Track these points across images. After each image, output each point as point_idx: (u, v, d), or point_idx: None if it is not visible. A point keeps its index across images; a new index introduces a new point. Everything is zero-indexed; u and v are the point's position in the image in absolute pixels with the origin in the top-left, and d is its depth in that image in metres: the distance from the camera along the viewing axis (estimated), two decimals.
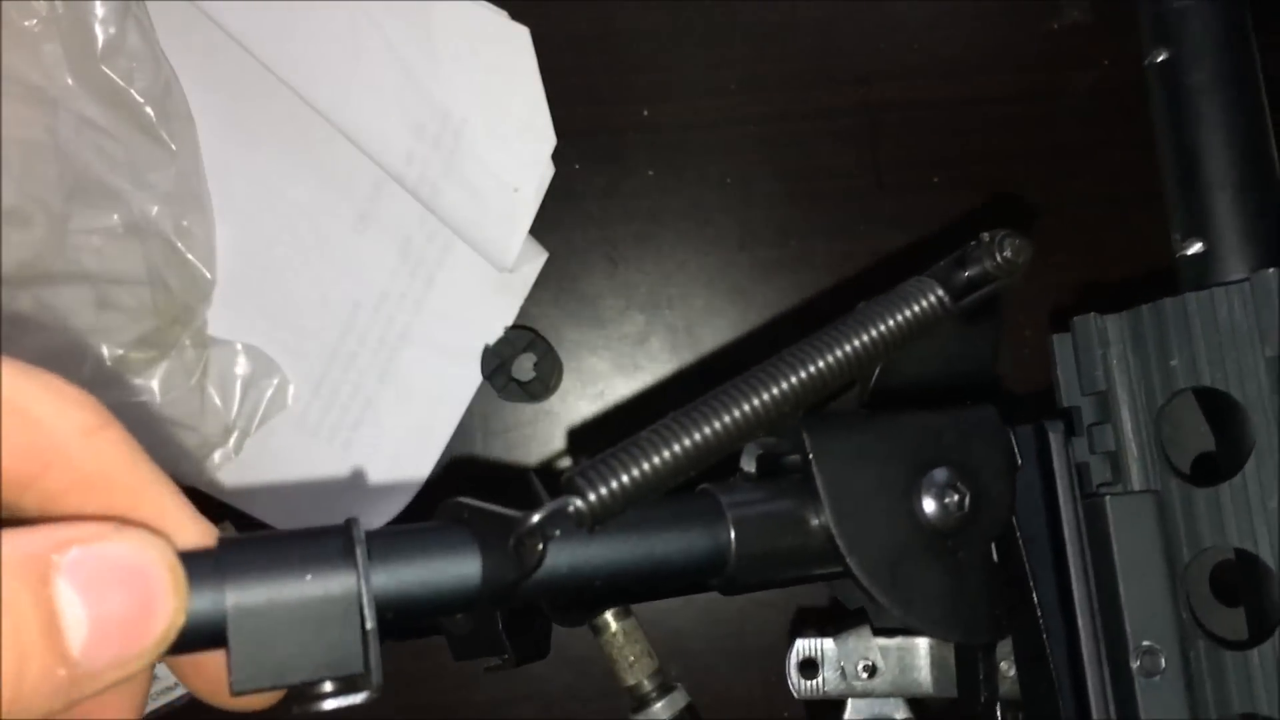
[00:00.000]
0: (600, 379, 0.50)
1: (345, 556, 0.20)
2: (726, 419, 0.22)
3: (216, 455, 0.47)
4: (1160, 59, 0.32)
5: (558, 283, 0.50)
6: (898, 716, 0.34)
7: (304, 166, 0.48)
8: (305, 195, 0.48)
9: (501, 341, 0.48)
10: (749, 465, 0.28)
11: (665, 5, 0.50)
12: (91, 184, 0.45)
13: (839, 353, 0.23)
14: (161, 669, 0.48)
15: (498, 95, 0.46)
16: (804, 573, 0.26)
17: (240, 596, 0.19)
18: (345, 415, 0.49)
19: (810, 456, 0.25)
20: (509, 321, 0.49)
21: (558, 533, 0.22)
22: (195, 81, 0.48)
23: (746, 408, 0.22)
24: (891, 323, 0.24)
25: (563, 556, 0.22)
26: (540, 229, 0.48)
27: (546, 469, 0.50)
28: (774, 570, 0.25)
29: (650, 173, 0.50)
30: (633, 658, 0.45)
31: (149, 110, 0.46)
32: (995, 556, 0.27)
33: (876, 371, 0.27)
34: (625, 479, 0.21)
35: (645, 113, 0.50)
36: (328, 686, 0.19)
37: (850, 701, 0.34)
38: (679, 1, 0.50)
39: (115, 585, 0.16)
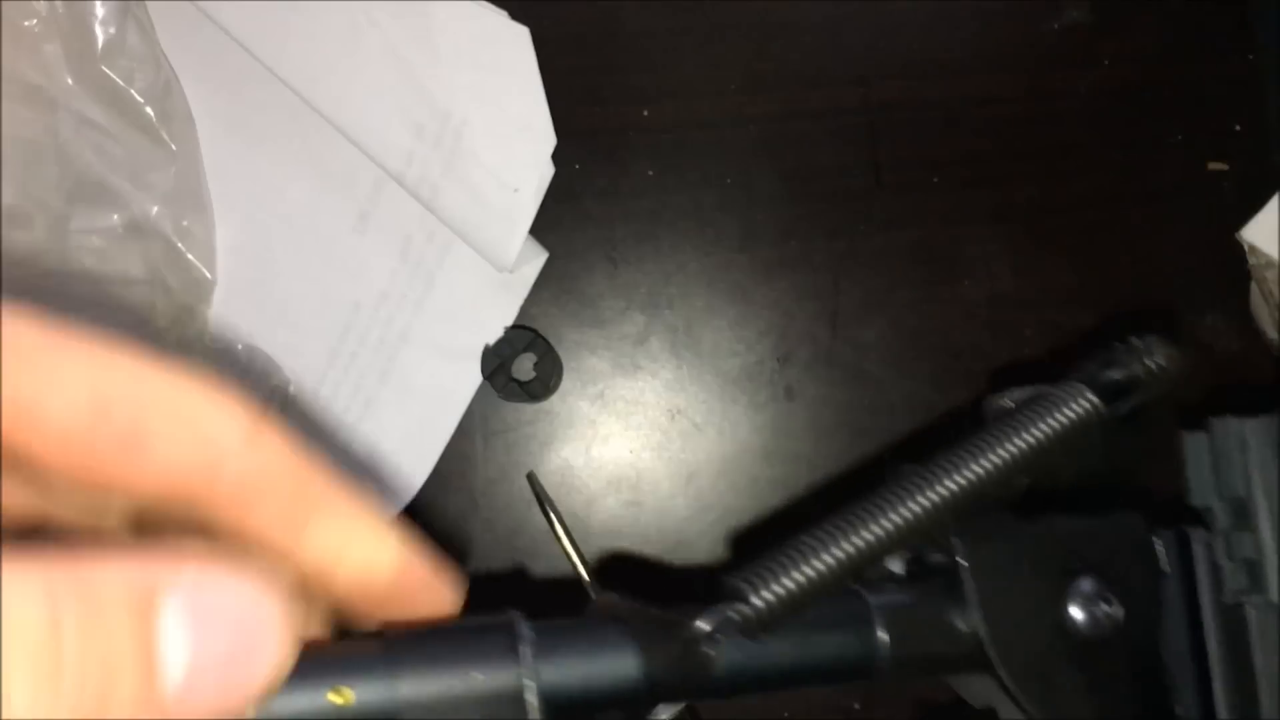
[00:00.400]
0: (600, 379, 0.50)
1: (511, 653, 0.20)
2: (885, 526, 0.23)
3: None
4: None
5: (558, 283, 0.50)
6: None
7: (304, 167, 0.48)
8: (305, 195, 0.48)
9: (501, 341, 0.48)
10: (896, 566, 0.28)
11: (665, 5, 0.50)
12: (91, 184, 0.45)
13: (994, 459, 0.23)
14: None
15: (498, 95, 0.46)
16: (950, 673, 0.26)
17: (412, 689, 0.19)
18: (345, 415, 0.49)
19: (962, 563, 0.25)
20: (509, 321, 0.49)
21: (722, 639, 0.22)
22: (195, 82, 0.48)
23: (903, 516, 0.23)
24: (1046, 429, 0.24)
25: (721, 660, 0.23)
26: (540, 229, 0.48)
27: (546, 469, 0.50)
28: (921, 671, 0.26)
29: (650, 173, 0.50)
30: None
31: (149, 110, 0.46)
32: (1140, 666, 0.27)
33: (1025, 481, 0.27)
34: (790, 584, 0.22)
35: (645, 113, 0.50)
36: None
37: None
38: (679, 1, 0.50)
39: (221, 627, 0.15)
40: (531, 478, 0.49)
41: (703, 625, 0.22)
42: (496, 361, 0.48)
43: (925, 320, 0.50)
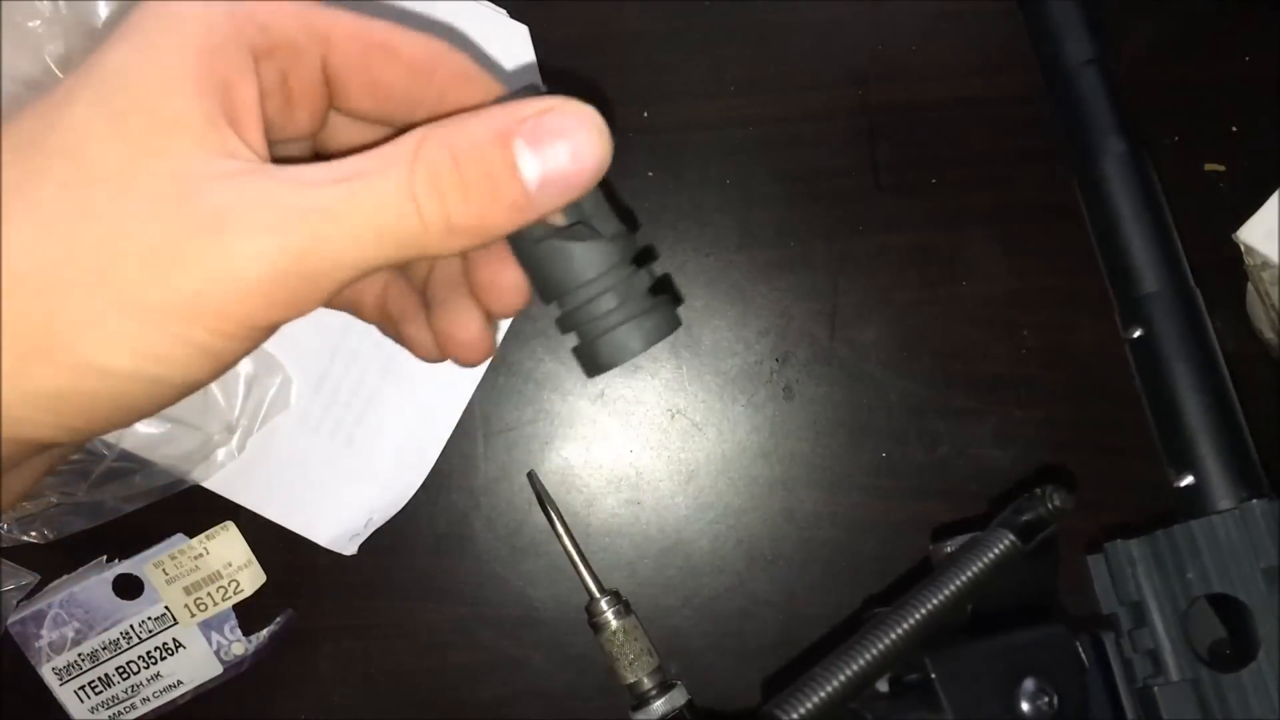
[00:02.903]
0: (600, 379, 0.50)
1: None
2: (879, 649, 0.31)
3: (220, 454, 0.48)
4: (1135, 335, 0.40)
5: None
6: None
7: None
8: None
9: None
10: (883, 686, 0.34)
11: (665, 7, 0.50)
12: None
13: (945, 594, 0.32)
14: (167, 668, 0.49)
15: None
16: None
17: None
18: (347, 412, 0.49)
19: (934, 678, 0.33)
20: (510, 317, 0.49)
21: None
22: None
23: (886, 645, 0.31)
24: (981, 565, 0.33)
25: None
26: None
27: (546, 468, 0.50)
28: None
29: (650, 174, 0.50)
30: (632, 656, 0.46)
31: None
32: None
33: (970, 605, 0.35)
34: (814, 702, 0.30)
35: (645, 114, 0.50)
36: None
37: None
38: (679, 3, 0.50)
39: (557, 147, 0.23)
40: (532, 477, 0.49)
41: None
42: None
43: (924, 321, 0.50)
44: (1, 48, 0.43)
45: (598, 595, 0.46)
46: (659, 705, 0.45)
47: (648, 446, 0.50)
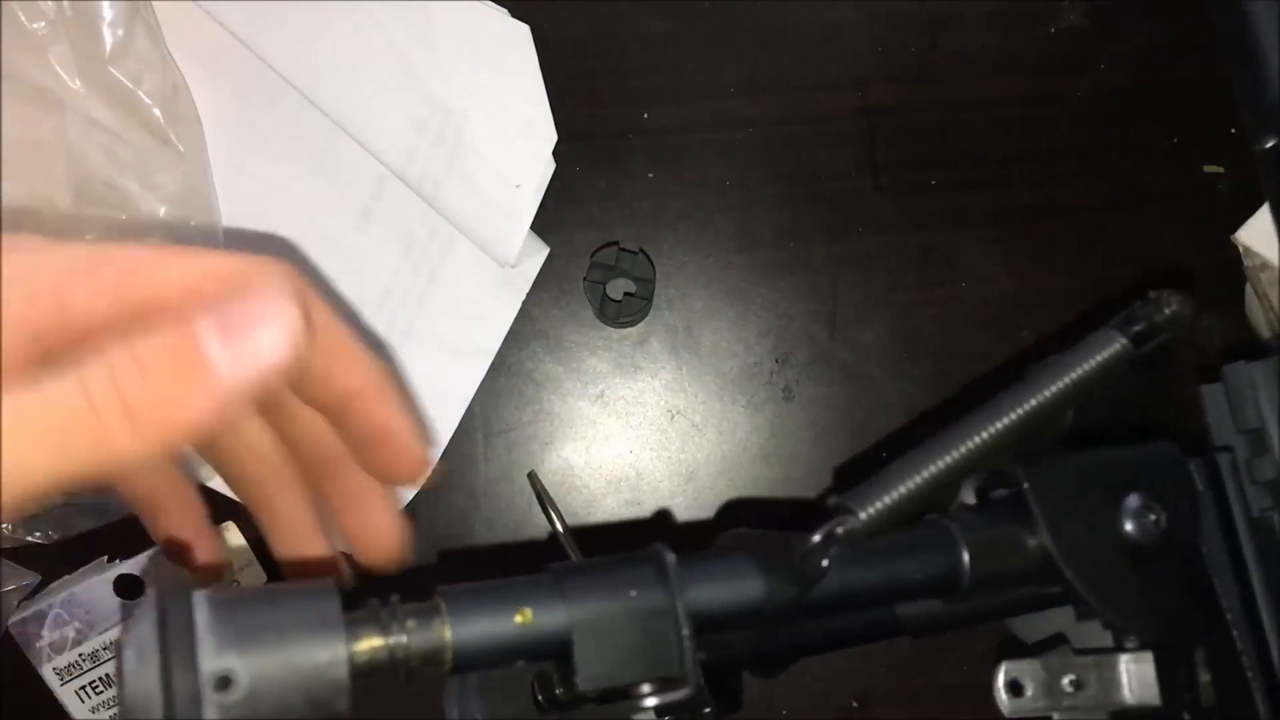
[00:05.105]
0: (600, 379, 0.50)
1: (662, 577, 0.24)
2: (964, 449, 0.27)
3: None
4: (1269, 145, 0.38)
5: (559, 284, 0.50)
6: None
7: (308, 165, 0.49)
8: (309, 194, 0.49)
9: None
10: (969, 497, 0.32)
11: (666, 8, 0.51)
12: (99, 185, 0.45)
13: (1048, 392, 0.28)
14: None
15: (499, 92, 0.47)
16: (1021, 589, 0.30)
17: (581, 611, 0.23)
18: None
19: (1026, 487, 0.29)
20: (511, 317, 0.49)
21: (833, 551, 0.25)
22: (202, 83, 0.48)
23: (980, 439, 0.27)
24: (1087, 365, 0.29)
25: (831, 578, 0.26)
26: (542, 230, 0.49)
27: (547, 469, 0.50)
28: (998, 586, 0.29)
29: (650, 175, 0.51)
30: None
31: (156, 112, 0.46)
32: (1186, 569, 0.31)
33: (1071, 413, 0.31)
34: (887, 500, 0.26)
35: (645, 115, 0.51)
36: (647, 688, 0.23)
37: (1056, 716, 0.36)
38: (679, 4, 0.51)
39: (242, 331, 0.22)
40: (532, 477, 0.49)
41: (814, 539, 0.25)
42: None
43: (923, 322, 0.50)
44: (1, 48, 0.43)
45: None
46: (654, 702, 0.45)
47: (648, 447, 0.50)
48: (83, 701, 0.48)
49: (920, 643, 0.35)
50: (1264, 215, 0.47)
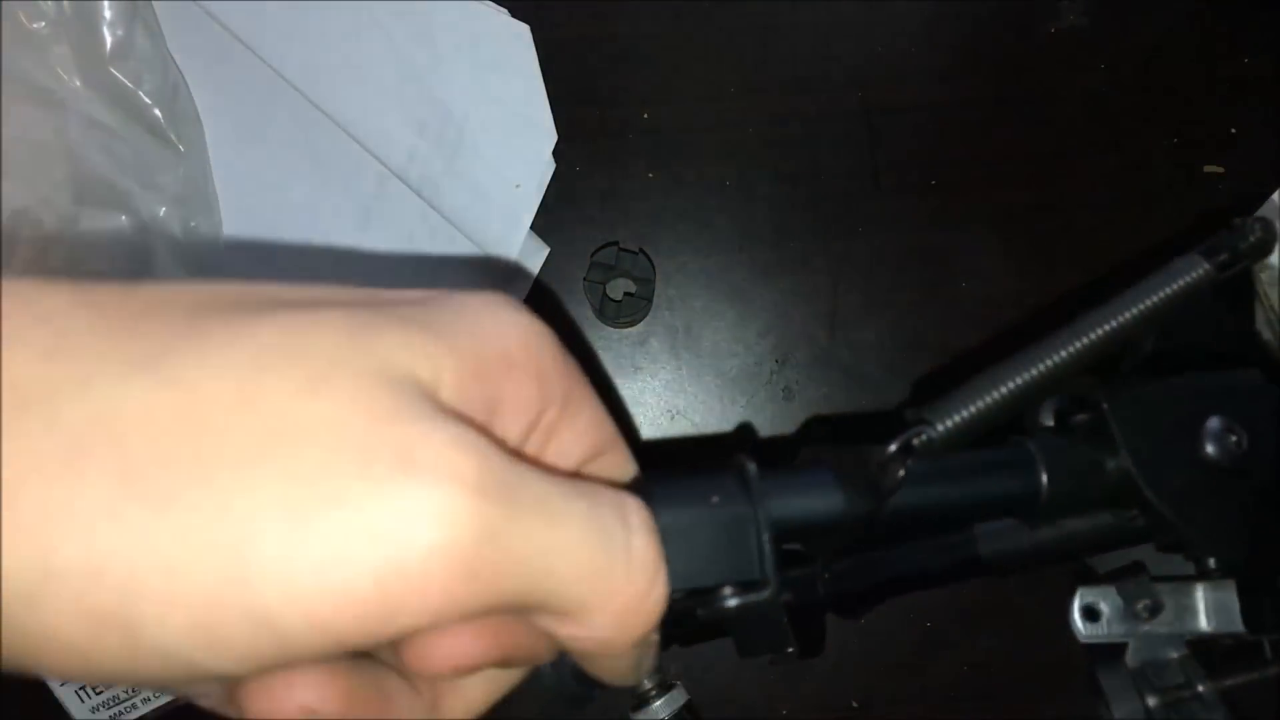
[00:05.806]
0: (600, 379, 0.50)
1: (744, 486, 0.24)
2: (1045, 365, 0.27)
3: None
4: None
5: (559, 284, 0.50)
6: (1176, 655, 0.35)
7: (309, 166, 0.49)
8: (310, 194, 0.49)
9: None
10: (1048, 419, 0.31)
11: (665, 8, 0.51)
12: (100, 185, 0.45)
13: (1131, 312, 0.28)
14: None
15: (499, 92, 0.47)
16: (1099, 511, 0.30)
17: (669, 518, 0.23)
18: None
19: (1106, 408, 0.29)
20: None
21: (910, 463, 0.25)
22: (202, 83, 0.48)
23: (1061, 356, 0.27)
24: (1170, 287, 0.28)
25: (908, 492, 0.26)
26: (542, 231, 0.49)
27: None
28: (1076, 506, 0.29)
29: (650, 175, 0.51)
30: None
31: (157, 112, 0.46)
32: (1268, 492, 0.31)
33: (1154, 338, 0.32)
34: (966, 413, 0.26)
35: (645, 115, 0.51)
36: (729, 590, 0.23)
37: (1131, 643, 0.35)
38: (679, 5, 0.51)
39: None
40: None
41: (892, 447, 0.25)
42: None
43: (923, 321, 0.50)
44: (2, 48, 0.43)
45: None
46: (659, 705, 0.45)
47: (648, 447, 0.50)
48: (83, 701, 0.48)
49: (920, 642, 0.34)
50: (1265, 215, 0.47)
